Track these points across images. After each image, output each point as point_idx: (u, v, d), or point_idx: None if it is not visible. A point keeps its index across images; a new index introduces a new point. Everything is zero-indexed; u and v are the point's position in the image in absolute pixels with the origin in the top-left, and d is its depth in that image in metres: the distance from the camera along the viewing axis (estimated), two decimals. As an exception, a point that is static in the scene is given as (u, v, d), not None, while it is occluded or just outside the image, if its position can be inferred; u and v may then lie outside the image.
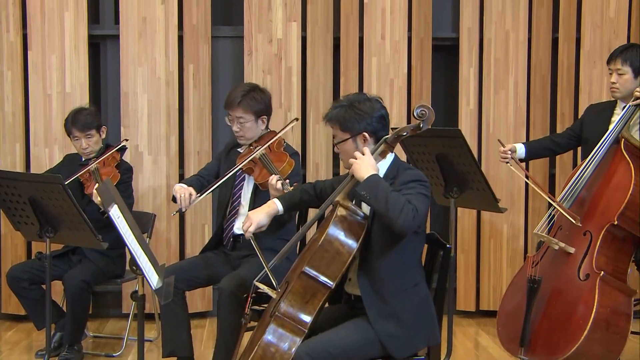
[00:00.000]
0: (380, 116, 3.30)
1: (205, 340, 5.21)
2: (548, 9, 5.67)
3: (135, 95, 5.54)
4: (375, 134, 3.28)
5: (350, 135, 3.28)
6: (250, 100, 4.23)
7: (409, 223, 3.01)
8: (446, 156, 4.20)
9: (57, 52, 5.48)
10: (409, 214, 3.01)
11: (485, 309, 5.75)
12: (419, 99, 5.62)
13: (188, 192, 4.11)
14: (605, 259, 4.09)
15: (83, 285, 4.55)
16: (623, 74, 4.35)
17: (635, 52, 4.38)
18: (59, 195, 3.96)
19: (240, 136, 4.28)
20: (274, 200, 3.58)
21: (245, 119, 4.23)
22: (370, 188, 3.06)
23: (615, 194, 4.12)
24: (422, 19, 5.66)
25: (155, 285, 3.16)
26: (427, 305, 3.29)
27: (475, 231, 5.74)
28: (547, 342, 4.05)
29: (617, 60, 4.37)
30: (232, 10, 5.90)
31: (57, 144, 5.48)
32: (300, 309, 3.13)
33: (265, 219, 3.51)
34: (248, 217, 3.49)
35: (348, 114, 3.27)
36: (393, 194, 3.04)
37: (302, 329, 3.12)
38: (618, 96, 4.42)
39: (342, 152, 3.33)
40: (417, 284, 3.26)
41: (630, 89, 4.34)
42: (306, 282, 3.13)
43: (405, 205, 3.01)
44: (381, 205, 3.03)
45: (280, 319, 3.12)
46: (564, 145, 4.68)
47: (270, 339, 3.10)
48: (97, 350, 5.02)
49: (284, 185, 3.82)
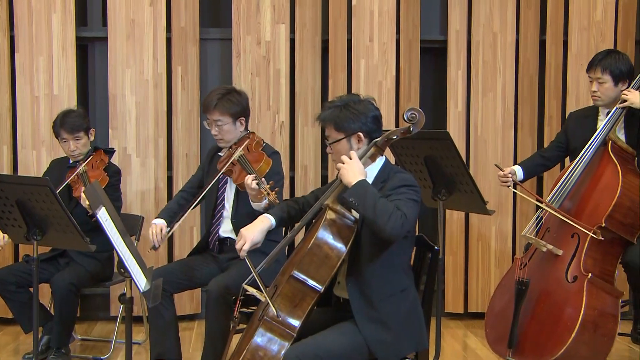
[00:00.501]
0: (374, 116, 3.30)
1: (194, 342, 5.20)
2: (535, 12, 5.69)
3: (123, 98, 5.52)
4: (369, 135, 3.28)
5: (345, 135, 3.27)
6: (226, 102, 4.22)
7: (397, 230, 3.00)
8: (434, 158, 4.21)
9: (44, 54, 5.46)
10: (397, 221, 2.99)
11: (473, 311, 5.75)
12: (408, 102, 5.63)
13: (159, 229, 4.19)
14: (593, 261, 4.11)
15: (71, 288, 4.54)
16: (603, 82, 4.36)
17: (614, 59, 4.37)
18: (47, 198, 3.95)
19: (219, 139, 4.28)
20: (266, 216, 3.46)
21: (222, 122, 4.22)
22: (358, 194, 3.06)
23: (603, 196, 4.14)
24: (410, 22, 5.67)
25: (143, 287, 3.15)
26: (416, 310, 3.29)
27: (463, 233, 5.75)
28: (535, 344, 4.06)
29: (597, 69, 4.37)
30: (220, 13, 5.90)
31: (44, 147, 5.46)
32: (289, 313, 3.12)
33: (259, 236, 3.38)
34: (241, 234, 3.37)
35: (343, 114, 3.26)
36: (381, 201, 3.04)
37: (291, 333, 3.11)
38: (600, 104, 4.43)
39: (336, 153, 3.30)
40: (405, 289, 3.26)
41: (611, 96, 4.36)
42: (295, 286, 3.12)
43: (394, 212, 3.00)
44: (369, 212, 3.02)
45: (269, 323, 3.11)
46: (553, 159, 4.67)
47: (259, 343, 3.09)
48: (85, 353, 5.00)
49: (260, 184, 3.80)
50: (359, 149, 3.27)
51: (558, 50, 5.69)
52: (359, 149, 3.27)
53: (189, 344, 5.13)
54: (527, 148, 5.68)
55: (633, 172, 4.21)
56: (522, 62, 5.70)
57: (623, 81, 4.35)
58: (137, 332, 5.20)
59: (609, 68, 4.33)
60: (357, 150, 3.26)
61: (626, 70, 4.35)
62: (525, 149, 5.67)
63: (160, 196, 5.55)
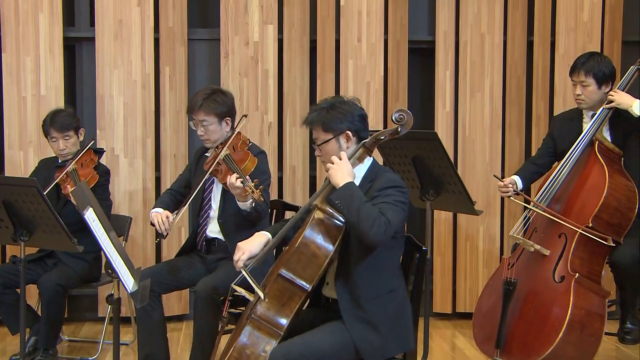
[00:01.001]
0: (361, 115, 3.33)
1: (182, 343, 5.19)
2: (523, 12, 5.71)
3: (111, 98, 5.51)
4: (357, 134, 3.30)
5: (334, 134, 3.28)
6: (211, 102, 4.22)
7: (380, 236, 3.03)
8: (422, 159, 4.22)
9: (31, 54, 5.44)
10: (380, 228, 3.02)
11: (461, 311, 5.77)
12: (396, 102, 5.64)
13: (164, 216, 4.13)
14: (580, 261, 4.12)
15: (58, 289, 4.52)
16: (587, 85, 4.36)
17: (597, 62, 4.37)
18: (34, 199, 3.93)
19: (205, 139, 4.28)
20: (263, 233, 3.44)
21: (208, 122, 4.22)
22: (344, 197, 3.08)
23: (590, 196, 4.15)
24: (398, 22, 5.67)
25: (131, 288, 3.14)
26: (403, 311, 3.30)
27: (451, 233, 5.76)
28: (523, 344, 4.07)
29: (580, 73, 4.37)
30: (208, 13, 5.89)
31: (31, 147, 5.44)
32: (277, 311, 3.13)
33: (256, 249, 3.37)
34: (239, 247, 3.37)
35: (330, 114, 3.29)
36: (366, 206, 3.05)
37: (278, 331, 3.12)
38: (584, 107, 4.44)
39: (325, 154, 3.31)
40: (392, 291, 3.27)
41: (595, 99, 4.37)
42: (283, 285, 3.13)
43: (377, 219, 3.02)
44: (353, 216, 3.05)
45: (257, 322, 3.12)
46: (546, 165, 4.64)
47: (246, 341, 3.11)
48: (73, 354, 4.99)
49: (244, 182, 3.81)
50: (348, 148, 3.28)
51: (545, 51, 5.71)
52: (348, 148, 3.28)
53: (177, 345, 5.13)
54: (515, 148, 5.70)
55: (619, 172, 4.23)
56: (509, 63, 5.71)
57: (606, 84, 4.36)
58: (125, 333, 5.19)
59: (592, 71, 4.34)
60: (347, 149, 3.28)
61: (609, 73, 4.37)
62: (513, 150, 5.69)
63: (149, 196, 5.54)
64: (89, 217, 3.08)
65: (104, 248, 3.09)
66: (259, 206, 3.99)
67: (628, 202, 4.16)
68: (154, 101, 5.55)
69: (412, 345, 3.34)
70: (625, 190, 4.17)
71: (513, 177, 4.57)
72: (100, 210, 3.18)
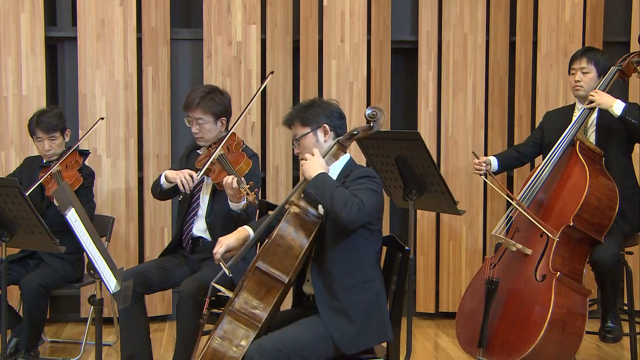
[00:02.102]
0: (340, 114, 3.42)
1: (165, 344, 5.18)
2: (505, 13, 5.73)
3: (93, 98, 5.49)
4: (335, 129, 3.38)
5: (311, 128, 3.35)
6: (209, 101, 4.22)
7: (354, 216, 3.09)
8: (405, 159, 4.22)
9: (13, 54, 5.41)
10: (353, 207, 3.08)
11: (444, 310, 5.79)
12: (379, 102, 5.65)
13: (187, 173, 4.11)
14: (562, 260, 4.14)
15: (40, 289, 4.49)
16: (588, 72, 4.43)
17: (599, 53, 4.49)
18: (15, 199, 3.92)
19: (199, 137, 4.27)
20: (244, 227, 3.57)
21: (204, 120, 4.22)
22: (317, 186, 3.15)
23: (571, 195, 4.17)
24: (381, 22, 5.68)
25: (114, 289, 3.14)
26: (378, 302, 3.32)
27: (434, 233, 5.78)
28: (505, 343, 4.09)
29: (583, 59, 4.44)
30: (191, 13, 5.88)
31: (13, 147, 5.41)
32: (256, 304, 3.18)
33: (234, 243, 3.49)
34: (219, 241, 3.48)
35: (308, 110, 3.38)
36: (338, 189, 3.13)
37: (256, 323, 3.16)
38: (581, 94, 4.46)
39: (302, 148, 3.38)
40: (368, 282, 3.29)
41: (593, 87, 4.41)
42: (260, 278, 3.18)
43: (350, 199, 3.09)
44: (327, 200, 3.12)
45: (235, 314, 3.18)
46: (529, 155, 4.70)
47: (224, 333, 3.16)
48: (55, 355, 4.96)
49: (240, 184, 3.82)
50: (326, 142, 3.35)
51: (528, 51, 5.74)
52: (325, 142, 3.35)
53: (160, 346, 5.12)
54: (498, 148, 5.72)
55: (600, 172, 4.25)
56: (492, 63, 5.74)
57: (602, 76, 4.42)
58: (107, 333, 5.18)
59: (594, 59, 4.43)
60: (324, 142, 3.35)
61: (607, 67, 4.44)
62: (496, 149, 5.71)
63: (131, 196, 5.53)
64: (70, 217, 3.07)
65: (86, 248, 3.08)
66: (250, 208, 4.00)
67: (609, 201, 4.19)
68: (136, 101, 5.54)
69: (389, 337, 3.36)
70: (606, 190, 4.19)
71: (489, 157, 4.62)
72: (83, 211, 3.17)
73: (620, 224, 4.28)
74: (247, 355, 3.09)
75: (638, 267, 5.61)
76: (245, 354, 3.10)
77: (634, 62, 4.44)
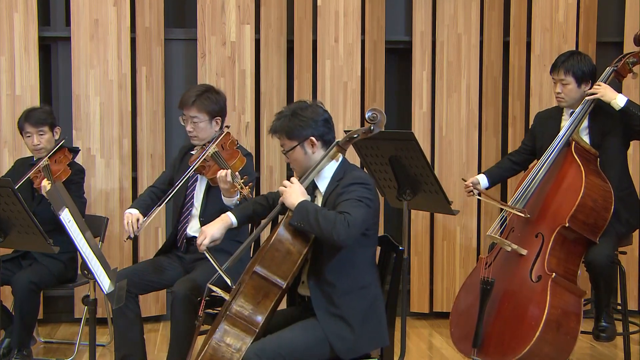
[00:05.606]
0: (325, 120, 3.37)
1: (159, 344, 5.18)
2: (499, 13, 5.74)
3: (87, 98, 5.48)
4: (322, 138, 3.34)
5: (298, 142, 3.32)
6: (204, 100, 4.22)
7: (344, 235, 3.07)
8: (399, 159, 4.22)
9: (6, 54, 5.40)
10: (342, 226, 3.06)
11: (438, 310, 5.79)
12: (373, 102, 5.65)
13: (135, 218, 4.11)
14: (557, 261, 4.14)
15: (32, 287, 4.48)
16: (567, 83, 4.41)
17: (576, 60, 4.42)
18: (9, 200, 3.90)
19: (193, 136, 4.27)
20: (227, 214, 3.60)
21: (199, 119, 4.21)
22: (301, 217, 3.14)
23: (566, 196, 4.17)
24: (375, 22, 5.69)
25: (107, 289, 3.13)
26: (376, 308, 3.31)
27: (428, 233, 5.78)
28: (500, 343, 4.09)
29: (560, 71, 4.42)
30: (185, 13, 5.87)
31: (7, 147, 5.40)
32: (253, 309, 3.16)
33: (218, 232, 3.54)
34: (202, 231, 3.51)
35: (292, 123, 3.32)
36: (322, 214, 3.11)
37: (254, 328, 3.15)
38: (564, 105, 4.48)
39: (293, 160, 3.38)
40: (365, 287, 3.28)
41: (575, 97, 4.41)
42: (258, 282, 3.16)
43: (337, 219, 3.07)
44: (314, 228, 3.11)
45: (232, 319, 3.16)
46: (523, 163, 4.69)
47: (221, 338, 3.14)
48: (49, 355, 4.96)
49: (234, 178, 3.81)
50: (314, 153, 3.33)
51: (521, 52, 5.75)
52: (314, 153, 3.33)
53: (154, 346, 5.11)
54: (492, 148, 5.73)
55: (596, 172, 4.26)
56: (486, 63, 5.74)
57: (586, 82, 4.40)
58: (101, 334, 5.17)
59: (572, 70, 4.39)
60: (313, 154, 3.33)
61: (588, 71, 4.41)
62: (490, 150, 5.72)
63: (125, 196, 5.52)
64: (64, 217, 3.06)
65: (79, 248, 3.07)
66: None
67: (604, 202, 4.19)
68: (130, 101, 5.53)
69: (385, 342, 3.35)
70: (601, 191, 4.20)
71: (478, 177, 4.62)
72: (76, 211, 3.16)
73: (614, 225, 4.28)
74: (246, 357, 3.08)
75: (631, 267, 5.63)
76: (243, 358, 3.09)
77: (629, 63, 4.45)
